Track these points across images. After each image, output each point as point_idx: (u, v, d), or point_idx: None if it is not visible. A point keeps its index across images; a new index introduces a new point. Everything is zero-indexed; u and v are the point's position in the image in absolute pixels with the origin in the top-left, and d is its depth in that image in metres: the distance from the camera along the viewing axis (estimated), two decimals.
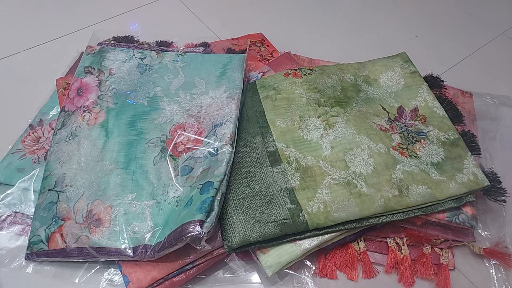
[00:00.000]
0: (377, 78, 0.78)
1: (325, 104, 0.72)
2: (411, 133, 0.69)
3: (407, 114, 0.72)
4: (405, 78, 0.77)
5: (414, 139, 0.68)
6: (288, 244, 0.60)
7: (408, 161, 0.65)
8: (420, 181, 0.63)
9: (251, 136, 0.69)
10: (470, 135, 0.70)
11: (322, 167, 0.64)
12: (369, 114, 0.72)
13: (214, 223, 0.56)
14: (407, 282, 0.62)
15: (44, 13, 1.03)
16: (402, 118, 0.72)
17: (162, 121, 0.70)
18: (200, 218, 0.54)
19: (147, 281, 0.58)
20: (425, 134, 0.69)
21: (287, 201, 0.61)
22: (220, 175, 0.59)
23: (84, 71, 0.76)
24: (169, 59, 0.79)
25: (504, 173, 0.69)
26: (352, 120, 0.70)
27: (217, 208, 0.56)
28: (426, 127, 0.70)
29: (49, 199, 0.63)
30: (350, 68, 0.79)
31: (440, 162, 0.65)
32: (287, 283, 0.62)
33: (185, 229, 0.53)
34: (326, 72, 0.78)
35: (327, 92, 0.74)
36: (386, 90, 0.76)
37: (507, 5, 1.15)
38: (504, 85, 0.93)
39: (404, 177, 0.63)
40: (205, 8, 1.07)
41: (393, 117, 0.72)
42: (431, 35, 1.05)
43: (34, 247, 0.60)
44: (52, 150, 0.67)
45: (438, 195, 0.61)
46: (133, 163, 0.66)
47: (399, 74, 0.77)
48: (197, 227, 0.53)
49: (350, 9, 1.12)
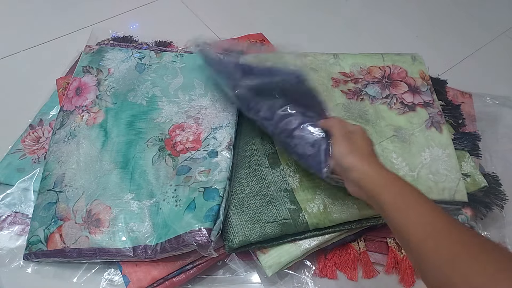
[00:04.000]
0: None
1: None
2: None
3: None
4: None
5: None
6: (288, 244, 0.60)
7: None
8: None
9: (251, 137, 0.69)
10: (476, 136, 0.70)
11: None
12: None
13: (220, 230, 0.57)
14: (408, 282, 0.62)
15: (44, 13, 1.03)
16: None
17: (161, 121, 0.70)
18: (209, 226, 0.55)
19: (147, 281, 0.58)
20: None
21: (287, 202, 0.61)
22: (223, 181, 0.60)
23: (82, 70, 0.76)
24: (168, 60, 0.79)
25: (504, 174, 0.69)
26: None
27: (222, 216, 0.58)
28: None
29: (48, 199, 0.63)
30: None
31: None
32: (287, 283, 0.62)
33: (194, 236, 0.54)
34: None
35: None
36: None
37: (507, 5, 1.15)
38: (504, 86, 0.92)
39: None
40: (205, 8, 1.07)
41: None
42: (431, 35, 1.05)
43: (32, 247, 0.60)
44: (51, 150, 0.67)
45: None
46: (131, 162, 0.65)
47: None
48: (206, 236, 0.54)
49: (350, 9, 1.12)
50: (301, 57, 0.74)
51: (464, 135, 0.70)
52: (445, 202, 0.62)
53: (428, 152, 0.64)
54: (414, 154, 0.64)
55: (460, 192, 0.61)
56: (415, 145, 0.65)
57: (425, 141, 0.66)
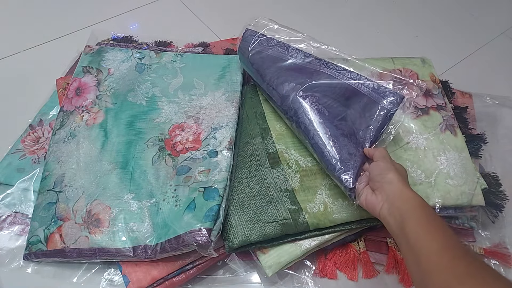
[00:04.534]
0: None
1: None
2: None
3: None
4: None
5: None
6: (288, 244, 0.60)
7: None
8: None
9: (251, 137, 0.69)
10: (482, 138, 0.71)
11: (322, 168, 0.64)
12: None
13: (220, 230, 0.57)
14: (408, 282, 0.62)
15: (44, 13, 1.03)
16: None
17: (161, 121, 0.70)
18: (209, 226, 0.55)
19: (147, 281, 0.58)
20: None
21: (287, 202, 0.61)
22: (223, 181, 0.60)
23: (82, 70, 0.76)
24: (167, 60, 0.79)
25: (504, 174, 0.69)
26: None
27: (222, 216, 0.58)
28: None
29: (48, 200, 0.63)
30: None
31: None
32: (287, 283, 0.62)
33: (194, 236, 0.54)
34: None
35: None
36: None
37: (507, 5, 1.16)
38: (504, 86, 0.93)
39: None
40: (205, 8, 1.07)
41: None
42: (431, 35, 1.05)
43: (32, 247, 0.60)
44: (51, 150, 0.67)
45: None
46: (131, 162, 0.66)
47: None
48: (206, 236, 0.54)
49: (350, 9, 1.12)
50: None
51: (474, 138, 0.70)
52: (461, 207, 0.61)
53: (444, 157, 0.64)
54: (430, 160, 0.64)
55: (477, 196, 0.61)
56: (430, 150, 0.65)
57: (441, 145, 0.65)
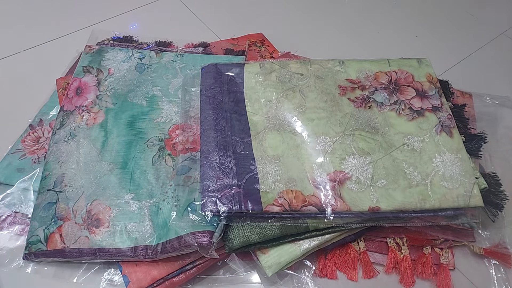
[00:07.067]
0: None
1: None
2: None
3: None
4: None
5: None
6: (288, 245, 0.60)
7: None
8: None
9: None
10: (482, 138, 0.70)
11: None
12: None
13: (222, 232, 0.57)
14: (408, 282, 0.62)
15: (44, 13, 1.03)
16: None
17: (161, 121, 0.70)
18: (211, 229, 0.56)
19: (147, 281, 0.58)
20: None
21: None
22: None
23: (82, 70, 0.76)
24: (168, 60, 0.79)
25: (504, 174, 0.69)
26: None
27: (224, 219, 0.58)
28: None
29: (48, 199, 0.63)
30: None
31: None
32: (287, 283, 0.62)
33: (196, 237, 0.55)
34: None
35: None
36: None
37: (507, 5, 1.15)
38: (504, 86, 0.92)
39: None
40: (205, 8, 1.07)
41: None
42: (431, 35, 1.05)
43: (32, 247, 0.60)
44: (51, 150, 0.67)
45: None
46: (131, 162, 0.66)
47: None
48: (208, 238, 0.55)
49: (350, 9, 1.12)
50: (307, 65, 0.74)
51: (473, 137, 0.69)
52: (459, 209, 0.60)
53: (440, 159, 0.63)
54: (425, 162, 0.63)
55: (475, 197, 0.60)
56: (426, 152, 0.64)
57: (436, 147, 0.65)
